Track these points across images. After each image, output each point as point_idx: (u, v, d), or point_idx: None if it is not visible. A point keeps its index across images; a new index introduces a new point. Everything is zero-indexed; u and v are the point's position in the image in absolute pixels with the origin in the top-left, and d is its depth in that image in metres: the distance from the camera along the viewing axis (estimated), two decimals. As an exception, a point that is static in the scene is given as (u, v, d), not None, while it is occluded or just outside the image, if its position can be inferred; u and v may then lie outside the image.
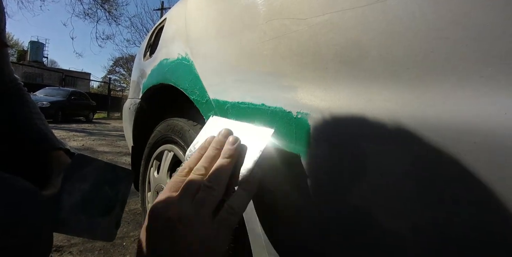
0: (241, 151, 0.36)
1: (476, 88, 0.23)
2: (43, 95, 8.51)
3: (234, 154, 0.35)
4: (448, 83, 0.24)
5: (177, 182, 0.35)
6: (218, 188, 0.33)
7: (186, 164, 0.37)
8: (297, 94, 0.36)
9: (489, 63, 0.22)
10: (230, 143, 0.36)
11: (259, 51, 0.43)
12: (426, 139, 0.24)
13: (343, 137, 0.31)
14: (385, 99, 0.28)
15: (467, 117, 0.23)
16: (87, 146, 3.86)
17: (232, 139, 0.36)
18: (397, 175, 0.26)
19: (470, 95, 0.23)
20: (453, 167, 0.23)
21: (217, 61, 0.53)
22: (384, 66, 0.28)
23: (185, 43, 0.69)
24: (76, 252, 1.13)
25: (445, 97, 0.24)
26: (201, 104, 0.55)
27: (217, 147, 0.36)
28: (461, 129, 0.23)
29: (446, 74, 0.24)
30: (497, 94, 0.22)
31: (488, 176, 0.21)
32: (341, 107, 0.31)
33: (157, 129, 0.91)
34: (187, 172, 0.36)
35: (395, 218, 0.27)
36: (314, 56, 0.35)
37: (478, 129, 0.22)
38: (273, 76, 0.40)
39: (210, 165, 0.35)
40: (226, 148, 0.36)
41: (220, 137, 0.37)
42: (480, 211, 0.22)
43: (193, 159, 0.37)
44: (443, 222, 0.23)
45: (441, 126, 0.24)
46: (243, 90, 0.45)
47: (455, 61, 0.24)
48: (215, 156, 0.36)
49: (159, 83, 0.81)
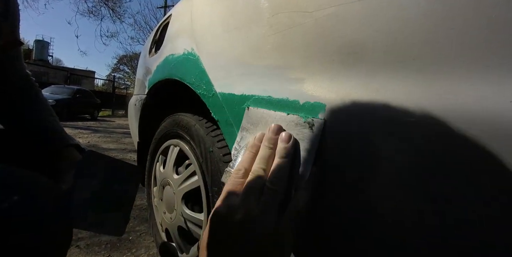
0: (296, 148, 0.35)
1: (482, 77, 0.23)
2: (49, 93, 8.59)
3: (290, 153, 0.34)
4: (453, 73, 0.24)
5: (236, 185, 0.34)
6: (281, 190, 0.32)
7: (240, 165, 0.36)
8: (304, 86, 0.36)
9: (494, 52, 0.22)
10: (285, 141, 0.34)
11: (265, 44, 0.44)
12: (433, 129, 0.25)
13: (350, 128, 0.31)
14: (391, 90, 0.28)
15: (473, 106, 0.23)
16: (92, 143, 3.90)
17: (285, 136, 0.34)
18: (406, 164, 0.27)
19: (475, 85, 0.23)
20: (460, 157, 0.23)
21: (223, 55, 0.54)
22: (390, 57, 0.29)
23: (191, 38, 0.69)
24: (83, 245, 1.15)
25: (451, 87, 0.24)
26: (208, 98, 0.55)
27: (270, 146, 0.35)
28: (467, 118, 0.23)
29: (452, 64, 0.25)
30: (502, 83, 0.22)
31: (495, 165, 0.21)
32: (348, 98, 0.32)
33: (163, 125, 0.92)
34: (244, 174, 0.35)
35: (403, 212, 0.27)
36: (320, 49, 0.35)
37: (484, 118, 0.22)
38: (280, 69, 0.40)
39: (267, 166, 0.34)
40: (282, 146, 0.34)
41: (271, 135, 0.35)
42: (487, 200, 0.22)
43: (246, 159, 0.36)
44: (449, 213, 0.24)
45: (448, 116, 0.24)
46: (250, 83, 0.45)
47: (460, 51, 0.24)
48: (270, 155, 0.34)
49: (165, 78, 0.82)
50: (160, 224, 0.95)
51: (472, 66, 0.23)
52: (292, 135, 0.35)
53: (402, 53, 0.28)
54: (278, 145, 0.34)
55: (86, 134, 4.83)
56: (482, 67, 0.23)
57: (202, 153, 0.66)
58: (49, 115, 0.68)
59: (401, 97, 0.27)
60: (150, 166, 1.06)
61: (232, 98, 0.48)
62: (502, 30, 0.22)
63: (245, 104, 0.44)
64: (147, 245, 1.19)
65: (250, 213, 0.31)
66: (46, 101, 0.71)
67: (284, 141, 0.34)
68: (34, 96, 0.68)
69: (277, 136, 0.35)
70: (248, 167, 0.35)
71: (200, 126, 0.70)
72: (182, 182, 0.76)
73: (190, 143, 0.74)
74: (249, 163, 0.35)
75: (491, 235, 0.22)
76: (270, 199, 0.31)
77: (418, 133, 0.26)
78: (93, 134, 4.89)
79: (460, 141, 0.23)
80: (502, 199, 0.21)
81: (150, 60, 1.08)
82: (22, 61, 0.69)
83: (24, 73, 0.68)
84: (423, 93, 0.26)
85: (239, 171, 0.35)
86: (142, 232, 1.31)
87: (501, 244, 0.22)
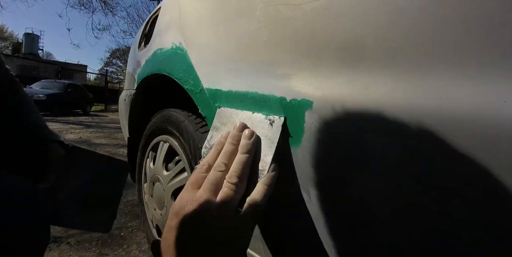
0: (257, 145, 0.36)
1: (476, 75, 0.22)
2: (39, 88, 8.41)
3: (251, 149, 0.35)
4: (447, 71, 0.23)
5: (198, 179, 0.35)
6: (240, 185, 0.33)
7: (205, 160, 0.37)
8: (291, 82, 0.35)
9: (489, 50, 0.21)
10: (247, 138, 0.36)
11: (253, 39, 0.42)
12: (424, 127, 0.24)
13: (339, 126, 0.30)
14: (382, 87, 0.27)
15: (466, 105, 0.22)
16: (84, 138, 3.84)
17: (248, 133, 0.36)
18: (395, 164, 0.26)
19: (469, 83, 0.22)
20: (452, 157, 0.22)
21: (211, 50, 0.52)
22: (381, 53, 0.28)
23: (179, 32, 0.67)
24: (74, 242, 1.14)
25: (444, 85, 0.23)
26: (195, 94, 0.54)
27: (233, 142, 0.36)
28: (460, 118, 0.22)
29: (446, 62, 0.24)
30: (497, 82, 0.21)
31: (489, 165, 0.21)
32: (336, 95, 0.31)
33: (153, 120, 0.91)
34: (207, 169, 0.36)
35: (393, 209, 0.27)
36: (309, 43, 0.34)
37: (478, 117, 0.21)
38: (267, 64, 0.39)
39: (229, 161, 0.36)
40: (244, 142, 0.36)
41: (236, 132, 0.37)
42: (481, 200, 0.21)
43: (211, 155, 0.38)
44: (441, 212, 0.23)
45: (440, 115, 0.23)
46: (237, 79, 0.44)
47: (455, 48, 0.23)
48: (233, 151, 0.36)
49: (154, 73, 0.80)
50: (151, 220, 0.94)
51: (467, 64, 0.22)
52: (255, 132, 0.36)
53: (394, 49, 0.27)
54: (241, 142, 0.36)
55: (78, 130, 4.76)
56: (478, 65, 0.22)
57: (191, 150, 0.64)
58: (32, 111, 0.66)
59: (392, 94, 0.26)
60: (141, 162, 1.04)
61: (219, 94, 0.46)
62: (500, 26, 0.21)
63: (216, 104, 0.46)
64: (139, 241, 1.18)
65: (208, 207, 0.32)
66: (29, 97, 0.69)
67: (246, 138, 0.36)
68: (15, 91, 0.65)
69: (241, 133, 0.37)
70: (212, 163, 0.36)
71: (189, 122, 0.68)
72: (172, 179, 0.75)
73: (180, 139, 0.72)
74: (213, 159, 0.37)
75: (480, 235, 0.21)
76: (228, 193, 0.33)
77: (408, 132, 0.25)
78: (85, 129, 4.83)
79: (452, 140, 0.22)
80: (496, 199, 0.21)
81: (140, 54, 1.05)
82: (1, 56, 0.66)
83: (3, 68, 0.65)
84: (415, 90, 0.25)
85: (202, 166, 0.36)
86: (134, 228, 1.30)
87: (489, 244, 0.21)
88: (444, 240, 0.23)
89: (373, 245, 0.29)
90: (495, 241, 0.21)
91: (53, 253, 1.05)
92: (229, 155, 0.36)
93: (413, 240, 0.26)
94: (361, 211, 0.29)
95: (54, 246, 1.10)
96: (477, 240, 0.22)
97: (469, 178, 0.21)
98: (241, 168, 0.34)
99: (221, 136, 0.39)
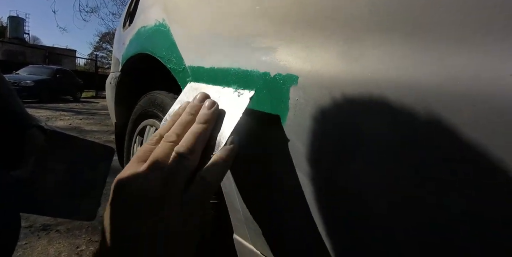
0: (218, 116, 0.32)
1: (480, 46, 0.19)
2: (26, 74, 8.16)
3: (210, 119, 0.31)
4: (447, 41, 0.21)
5: (145, 151, 0.31)
6: (191, 157, 0.29)
7: (157, 132, 0.33)
8: (277, 55, 0.33)
9: (495, 18, 0.19)
10: (206, 108, 0.32)
11: (235, 10, 0.39)
12: (421, 103, 0.21)
13: (326, 103, 0.28)
14: (375, 60, 0.25)
15: (468, 79, 0.20)
16: (74, 125, 3.77)
17: (208, 103, 0.32)
18: (385, 143, 0.24)
19: (472, 55, 0.20)
20: (452, 135, 0.20)
21: (193, 25, 0.49)
22: (376, 22, 0.25)
23: (162, 8, 0.63)
24: (63, 230, 1.13)
25: (444, 57, 0.21)
26: (178, 73, 0.51)
27: (191, 112, 0.32)
28: (461, 92, 0.20)
29: (446, 31, 0.21)
30: (503, 54, 0.18)
31: (490, 143, 0.18)
32: (324, 69, 0.28)
33: (139, 103, 0.87)
34: (158, 140, 0.32)
35: (383, 191, 0.25)
36: (296, 13, 0.31)
37: (481, 92, 0.19)
38: (250, 37, 0.36)
39: (183, 131, 0.31)
40: (202, 112, 0.32)
41: (196, 102, 0.33)
42: (480, 179, 0.20)
43: (165, 126, 0.33)
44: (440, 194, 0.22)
45: (440, 90, 0.21)
46: (219, 55, 0.41)
47: (457, 15, 0.20)
48: (190, 121, 0.32)
49: (138, 53, 0.76)
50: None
51: (470, 34, 0.20)
52: (217, 103, 0.32)
53: (389, 18, 0.24)
54: (200, 112, 0.32)
55: (68, 116, 4.66)
56: (481, 35, 0.19)
57: (177, 133, 0.62)
58: (9, 95, 0.62)
59: (385, 67, 0.24)
60: (128, 147, 1.02)
61: (202, 71, 0.43)
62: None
63: (187, 79, 0.42)
64: (130, 227, 1.18)
65: (149, 185, 0.27)
66: (6, 80, 0.65)
67: (205, 108, 0.32)
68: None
69: (201, 104, 0.33)
70: (164, 134, 0.32)
71: (175, 105, 0.65)
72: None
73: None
74: (166, 130, 0.32)
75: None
76: (175, 166, 0.29)
77: (402, 110, 0.22)
78: (75, 116, 4.73)
79: (452, 118, 0.20)
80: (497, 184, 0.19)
81: (124, 34, 1.00)
82: None
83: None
84: (412, 62, 0.22)
85: (153, 137, 0.32)
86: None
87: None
88: (445, 230, 0.22)
89: (366, 232, 0.28)
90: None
91: (42, 241, 1.04)
92: (184, 125, 0.31)
93: (409, 231, 0.24)
94: (349, 195, 0.27)
95: (43, 234, 1.09)
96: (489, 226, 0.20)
97: (471, 158, 0.19)
98: (194, 139, 0.30)
99: (179, 107, 0.35)
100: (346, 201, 0.28)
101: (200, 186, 0.29)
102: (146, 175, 0.28)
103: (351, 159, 0.26)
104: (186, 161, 0.29)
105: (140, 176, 0.28)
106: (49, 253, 0.98)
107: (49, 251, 0.99)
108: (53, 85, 8.31)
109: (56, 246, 1.02)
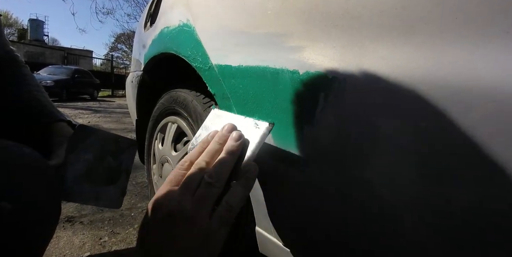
0: (243, 147, 0.35)
1: (501, 44, 0.20)
2: (47, 74, 8.45)
3: (236, 151, 0.34)
4: (469, 39, 0.22)
5: (177, 176, 0.35)
6: (218, 185, 0.33)
7: (187, 157, 0.37)
8: (304, 54, 0.34)
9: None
10: (234, 139, 0.35)
11: (263, 10, 0.40)
12: (438, 99, 0.23)
13: (354, 100, 0.29)
14: (398, 58, 0.26)
15: (490, 77, 0.21)
16: (93, 123, 3.89)
17: (236, 135, 0.35)
18: (403, 136, 0.25)
19: (494, 53, 0.21)
20: (461, 130, 0.21)
21: (219, 24, 0.51)
22: (400, 21, 0.26)
23: (186, 9, 0.65)
24: (86, 222, 1.18)
25: (466, 55, 0.22)
26: (204, 71, 0.53)
27: (220, 141, 0.36)
28: (466, 88, 0.21)
29: (468, 30, 0.22)
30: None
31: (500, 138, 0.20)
32: (352, 67, 0.29)
33: (160, 101, 0.90)
34: (188, 166, 0.35)
35: (397, 182, 0.26)
36: (323, 13, 0.33)
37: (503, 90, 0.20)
38: (278, 36, 0.38)
39: (211, 160, 0.35)
40: (230, 144, 0.35)
41: (224, 132, 0.36)
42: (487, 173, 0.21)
43: (195, 153, 0.37)
44: (444, 186, 0.23)
45: (462, 86, 0.22)
46: (246, 54, 0.43)
47: (478, 15, 0.21)
48: (217, 150, 0.35)
49: (160, 52, 0.79)
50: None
51: (491, 32, 0.21)
52: (243, 135, 0.35)
53: (413, 17, 0.25)
54: (227, 142, 0.35)
55: (86, 115, 4.81)
56: (504, 33, 0.20)
57: (199, 130, 0.64)
58: (36, 90, 0.66)
59: (410, 65, 0.25)
60: (149, 144, 1.05)
61: (229, 69, 0.45)
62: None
63: (212, 106, 0.47)
64: (149, 221, 1.22)
65: (183, 206, 0.31)
66: (33, 77, 0.69)
67: (233, 139, 0.35)
68: (19, 71, 0.65)
69: (229, 134, 0.36)
70: (194, 160, 0.35)
71: (197, 102, 0.68)
72: (181, 159, 0.75)
73: (188, 119, 0.72)
74: (196, 157, 0.36)
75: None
76: (205, 192, 0.32)
77: (426, 106, 0.24)
78: (93, 115, 4.88)
79: (474, 115, 0.21)
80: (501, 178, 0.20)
81: (145, 35, 1.03)
82: (4, 37, 0.66)
83: (7, 48, 0.65)
84: (436, 61, 0.24)
85: (184, 163, 0.36)
86: (144, 209, 1.33)
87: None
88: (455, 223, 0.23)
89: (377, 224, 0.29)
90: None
91: (68, 232, 1.09)
92: (213, 154, 0.35)
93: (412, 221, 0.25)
94: (375, 190, 0.29)
95: (68, 225, 1.14)
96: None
97: (484, 152, 0.21)
98: (222, 168, 0.33)
99: (208, 135, 0.38)
100: (371, 197, 0.29)
101: (225, 210, 0.33)
102: (181, 197, 0.32)
103: (376, 155, 0.28)
104: (214, 188, 0.33)
105: (176, 199, 0.32)
106: (74, 243, 1.03)
107: (74, 241, 1.04)
108: (72, 85, 8.59)
109: (81, 237, 1.07)
